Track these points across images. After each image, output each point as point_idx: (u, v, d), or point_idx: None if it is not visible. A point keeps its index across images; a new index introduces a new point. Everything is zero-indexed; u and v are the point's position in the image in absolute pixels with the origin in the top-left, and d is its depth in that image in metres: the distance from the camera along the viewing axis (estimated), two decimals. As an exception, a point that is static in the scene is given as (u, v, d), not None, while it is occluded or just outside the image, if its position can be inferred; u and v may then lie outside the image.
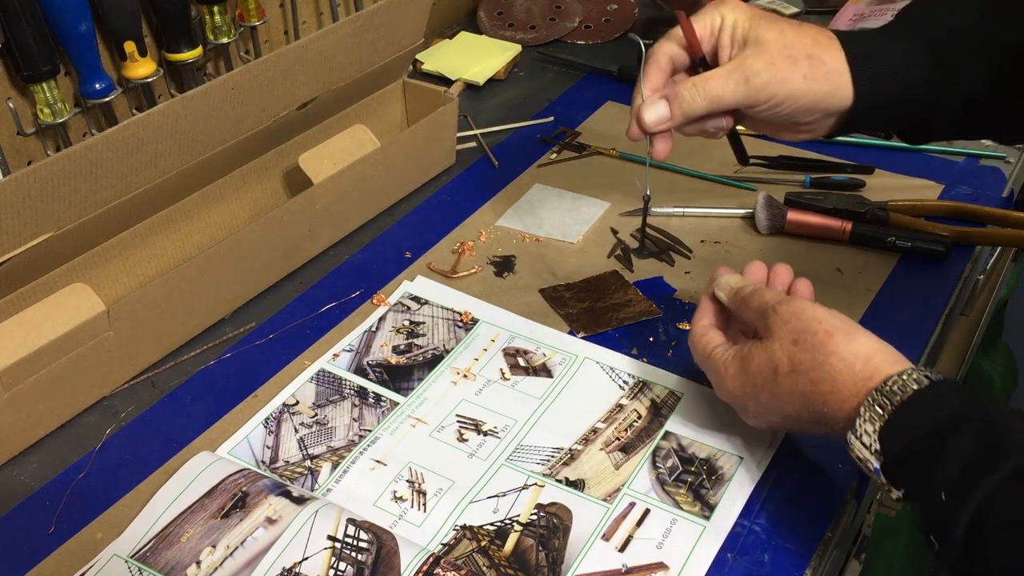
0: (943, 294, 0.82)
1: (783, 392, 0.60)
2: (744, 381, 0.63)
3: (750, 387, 0.62)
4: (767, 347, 0.61)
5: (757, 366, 0.62)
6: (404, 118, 1.01)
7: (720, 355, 0.65)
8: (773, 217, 0.88)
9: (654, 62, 0.68)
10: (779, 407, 0.61)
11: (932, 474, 0.52)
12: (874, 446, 0.55)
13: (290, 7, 1.05)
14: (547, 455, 0.69)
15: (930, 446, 0.53)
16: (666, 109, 0.67)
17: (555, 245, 0.89)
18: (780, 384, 0.60)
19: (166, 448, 0.70)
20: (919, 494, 0.54)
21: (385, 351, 0.78)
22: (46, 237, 0.66)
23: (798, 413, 0.60)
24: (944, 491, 0.51)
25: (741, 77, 0.65)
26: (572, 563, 0.61)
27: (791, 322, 0.61)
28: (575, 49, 1.22)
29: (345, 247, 0.90)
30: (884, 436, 0.55)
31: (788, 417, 0.61)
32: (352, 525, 0.61)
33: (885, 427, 0.55)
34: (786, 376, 0.60)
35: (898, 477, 0.55)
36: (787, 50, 0.65)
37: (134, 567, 0.61)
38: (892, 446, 0.54)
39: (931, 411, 0.54)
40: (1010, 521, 0.49)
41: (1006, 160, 0.98)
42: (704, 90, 0.66)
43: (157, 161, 0.72)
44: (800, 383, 0.59)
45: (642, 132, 0.68)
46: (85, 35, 0.83)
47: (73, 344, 0.70)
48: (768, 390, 0.61)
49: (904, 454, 0.54)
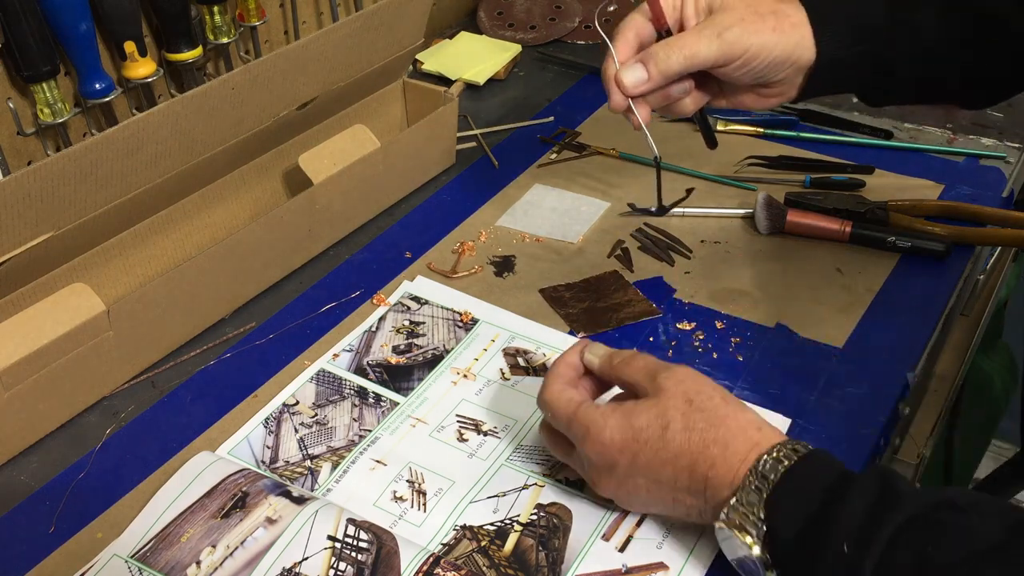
0: (943, 294, 0.82)
1: (669, 451, 0.56)
2: (626, 436, 0.57)
3: (631, 442, 0.57)
4: (658, 403, 0.58)
5: (645, 420, 0.57)
6: (404, 118, 1.01)
7: (591, 410, 0.59)
8: (773, 217, 0.88)
9: (621, 37, 0.69)
10: (657, 469, 0.57)
11: (831, 530, 0.50)
12: (756, 514, 0.53)
13: (290, 7, 1.05)
14: (547, 455, 0.69)
15: (829, 501, 0.52)
16: (643, 71, 0.67)
17: (555, 245, 0.89)
18: (668, 442, 0.56)
19: (166, 448, 0.70)
20: (813, 554, 0.51)
21: (385, 351, 0.78)
22: (46, 237, 0.66)
23: (675, 478, 0.57)
24: (845, 542, 0.49)
25: (713, 33, 0.65)
26: (572, 563, 0.61)
27: (685, 382, 0.58)
28: (575, 49, 1.22)
29: (345, 247, 0.90)
30: (771, 501, 0.53)
31: (659, 484, 0.58)
32: (352, 525, 0.61)
33: (774, 491, 0.53)
34: (677, 433, 0.56)
35: (783, 545, 0.52)
36: (752, 7, 0.66)
37: (134, 567, 0.61)
38: (783, 508, 0.53)
39: (819, 475, 0.53)
40: (912, 564, 0.48)
41: (1006, 160, 0.98)
42: (679, 47, 0.66)
43: (157, 161, 0.72)
44: (692, 442, 0.56)
45: (623, 99, 0.68)
46: (85, 35, 0.83)
47: (73, 344, 0.70)
48: (652, 448, 0.57)
49: (796, 514, 0.52)
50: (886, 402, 0.72)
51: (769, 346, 0.77)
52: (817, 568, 0.51)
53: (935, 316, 0.80)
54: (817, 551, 0.51)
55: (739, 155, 0.98)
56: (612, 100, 0.68)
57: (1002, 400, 1.57)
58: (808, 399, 0.72)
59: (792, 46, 0.67)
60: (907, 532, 0.49)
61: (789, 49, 0.67)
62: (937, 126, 1.04)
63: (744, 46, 0.65)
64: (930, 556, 0.47)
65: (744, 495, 0.54)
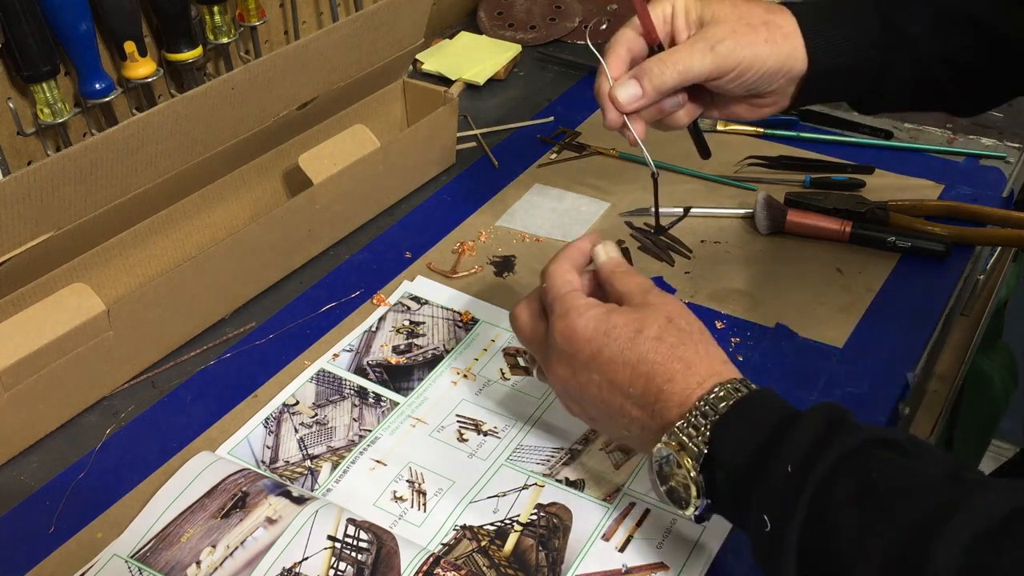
0: (943, 294, 0.82)
1: (634, 353, 0.57)
2: (599, 328, 0.58)
3: (601, 335, 0.58)
4: (640, 311, 0.58)
5: (622, 321, 0.58)
6: (404, 118, 1.01)
7: (579, 297, 0.61)
8: (773, 217, 0.88)
9: (613, 52, 0.68)
10: (615, 369, 0.57)
11: (777, 452, 0.50)
12: (700, 438, 0.53)
13: (290, 7, 1.05)
14: (547, 455, 0.69)
15: (777, 430, 0.52)
16: (637, 87, 0.67)
17: (555, 245, 0.89)
18: (636, 345, 0.57)
19: (166, 448, 0.70)
20: (755, 477, 0.51)
21: (385, 351, 0.78)
22: (46, 237, 0.66)
23: (630, 383, 0.57)
24: (790, 464, 0.49)
25: (706, 46, 0.65)
26: (572, 563, 0.61)
27: (670, 304, 0.59)
28: (575, 49, 1.22)
29: (345, 247, 0.90)
30: (718, 426, 0.53)
31: (611, 385, 0.58)
32: (352, 525, 0.61)
33: (722, 419, 0.53)
34: (647, 340, 0.57)
35: (726, 469, 0.52)
36: (744, 19, 0.66)
37: (134, 567, 0.61)
38: (730, 434, 0.53)
39: (768, 408, 0.54)
40: (856, 488, 0.48)
41: (1006, 160, 0.98)
42: (672, 62, 0.66)
43: (157, 161, 0.72)
44: (658, 352, 0.56)
45: (618, 116, 0.68)
46: (85, 35, 0.83)
47: (73, 344, 0.70)
48: (618, 346, 0.57)
49: (742, 440, 0.52)
50: (886, 402, 0.72)
51: (769, 346, 0.77)
52: (757, 489, 0.51)
53: (935, 316, 0.80)
54: (760, 473, 0.51)
55: (739, 155, 0.98)
56: (607, 117, 0.68)
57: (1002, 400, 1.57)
58: (808, 399, 0.72)
59: (785, 57, 0.67)
60: (852, 459, 0.49)
61: (782, 60, 0.67)
62: (937, 126, 1.04)
63: (737, 59, 0.65)
64: (874, 482, 0.47)
65: (692, 418, 0.54)
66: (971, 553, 0.43)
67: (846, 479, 0.48)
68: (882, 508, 0.46)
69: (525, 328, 0.64)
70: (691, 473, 0.53)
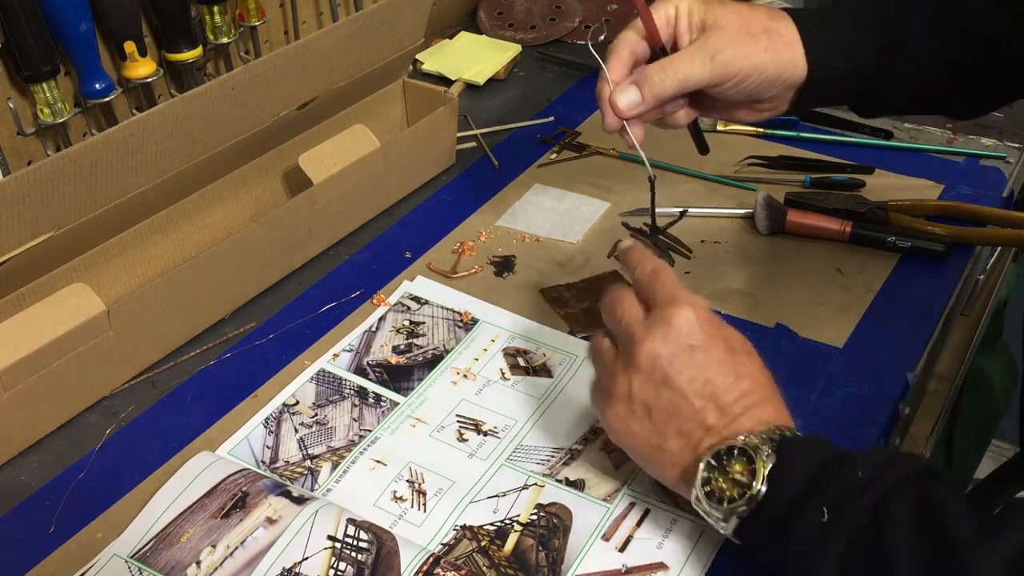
0: (943, 294, 0.82)
1: (751, 365, 0.59)
2: (719, 324, 0.60)
3: (720, 332, 0.59)
4: (722, 324, 0.61)
5: (715, 328, 0.60)
6: (404, 118, 1.01)
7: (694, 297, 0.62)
8: (773, 217, 0.88)
9: (615, 55, 0.69)
10: (730, 367, 0.58)
11: (849, 461, 0.53)
12: (769, 447, 0.55)
13: (290, 7, 1.05)
14: (547, 455, 0.69)
15: (841, 452, 0.55)
16: (637, 93, 0.67)
17: (555, 245, 0.89)
18: (753, 358, 0.59)
19: (166, 448, 0.70)
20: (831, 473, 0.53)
21: (385, 351, 0.78)
22: (46, 237, 0.66)
23: (727, 388, 0.58)
24: (861, 469, 0.53)
25: (706, 55, 0.66)
26: (572, 563, 0.61)
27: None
28: (575, 49, 1.22)
29: (345, 247, 0.90)
30: (782, 445, 0.55)
31: (708, 383, 0.58)
32: (352, 525, 0.61)
33: (785, 440, 0.55)
34: (759, 363, 0.60)
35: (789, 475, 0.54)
36: (745, 27, 0.66)
37: (134, 567, 0.61)
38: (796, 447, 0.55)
39: (827, 442, 0.56)
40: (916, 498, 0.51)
41: (1006, 160, 0.98)
42: (672, 70, 0.66)
43: (157, 161, 0.72)
44: (765, 375, 0.59)
45: (617, 120, 0.68)
46: (85, 35, 0.83)
47: (73, 344, 0.70)
48: (739, 351, 0.59)
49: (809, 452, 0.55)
50: (886, 402, 0.72)
51: (769, 346, 0.77)
52: (833, 483, 0.53)
53: (935, 316, 0.80)
54: (834, 471, 0.53)
55: (739, 155, 0.98)
56: (606, 121, 0.69)
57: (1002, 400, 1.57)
58: (808, 399, 0.72)
59: (784, 65, 0.67)
60: (913, 478, 0.52)
61: (781, 68, 0.67)
62: (937, 126, 1.04)
63: (736, 68, 0.66)
64: (930, 500, 0.51)
65: (766, 433, 0.56)
66: (1011, 570, 0.46)
67: (908, 495, 0.51)
68: (933, 530, 0.49)
69: (631, 305, 0.63)
70: (760, 476, 0.54)
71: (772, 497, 0.54)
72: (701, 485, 0.56)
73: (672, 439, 0.59)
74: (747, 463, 0.55)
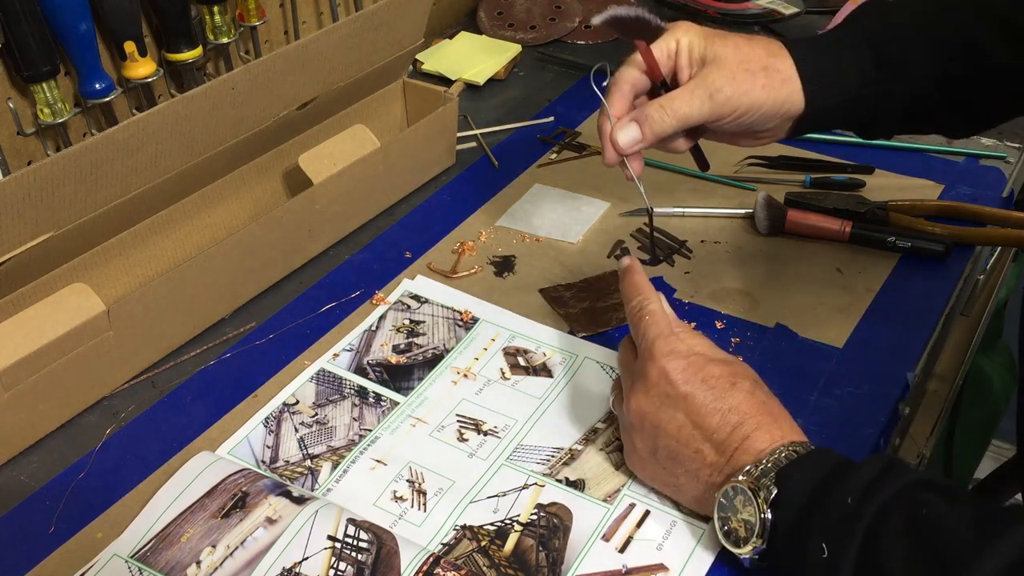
0: (943, 294, 0.82)
1: (728, 403, 0.60)
2: (697, 374, 0.61)
3: (699, 382, 0.61)
4: (732, 365, 0.62)
5: (719, 371, 0.61)
6: (404, 118, 1.01)
7: (682, 342, 0.63)
8: (773, 217, 0.88)
9: (617, 90, 0.70)
10: (705, 415, 0.60)
11: (839, 486, 0.54)
12: (769, 480, 0.56)
13: (290, 7, 1.05)
14: (547, 455, 0.69)
15: (837, 468, 0.56)
16: (637, 131, 0.69)
17: (555, 245, 0.89)
18: (732, 395, 0.60)
19: (166, 448, 0.70)
20: (818, 505, 0.54)
21: (385, 350, 0.78)
22: (46, 237, 0.66)
23: (715, 429, 0.60)
24: (850, 496, 0.53)
25: (705, 94, 0.67)
26: (572, 563, 0.61)
27: (747, 366, 0.64)
28: (575, 49, 1.22)
29: (345, 247, 0.90)
30: (782, 472, 0.57)
31: (696, 428, 0.60)
32: (352, 525, 0.61)
33: (787, 466, 0.57)
34: (743, 392, 0.61)
35: (787, 506, 0.56)
36: (744, 64, 0.67)
37: (134, 567, 0.61)
38: (794, 477, 0.56)
39: (828, 456, 0.57)
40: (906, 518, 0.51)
41: (1006, 160, 0.98)
42: (672, 109, 0.68)
43: (157, 161, 0.72)
44: (752, 403, 0.60)
45: (617, 155, 0.70)
46: (85, 35, 0.83)
47: (73, 344, 0.70)
48: (713, 395, 0.60)
49: (806, 479, 0.56)
50: (886, 402, 0.72)
51: (769, 346, 0.77)
52: (819, 515, 0.54)
53: (935, 316, 0.80)
54: (823, 502, 0.54)
55: (739, 155, 0.98)
56: (607, 156, 0.71)
57: (1002, 400, 1.57)
58: (808, 399, 0.72)
59: (782, 101, 0.68)
60: (905, 495, 0.53)
61: (778, 104, 0.68)
62: (937, 126, 1.04)
63: (734, 105, 0.67)
64: (924, 517, 0.51)
65: (765, 464, 0.57)
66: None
67: (899, 513, 0.52)
68: (926, 544, 0.50)
69: (625, 351, 0.67)
70: (762, 510, 0.56)
71: (781, 530, 0.56)
72: (720, 527, 0.59)
73: (684, 478, 0.62)
74: (751, 501, 0.57)
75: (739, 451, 0.59)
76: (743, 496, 0.57)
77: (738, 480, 0.58)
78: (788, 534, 0.56)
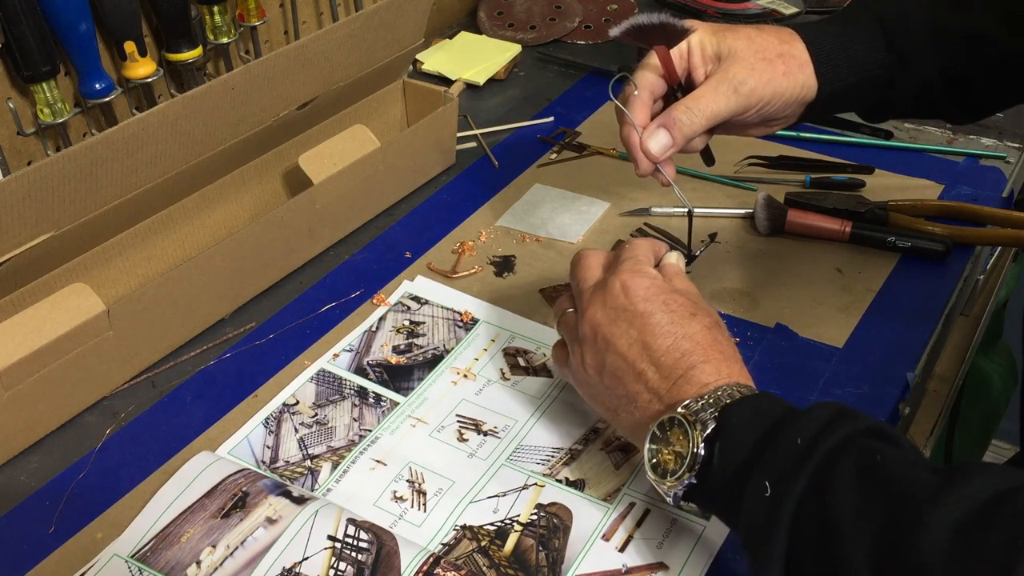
0: (943, 294, 0.82)
1: (683, 329, 0.59)
2: (659, 295, 0.60)
3: (660, 303, 0.60)
4: (699, 303, 0.61)
5: (682, 300, 0.61)
6: (404, 118, 1.01)
7: (651, 267, 0.63)
8: (773, 217, 0.88)
9: (638, 100, 0.69)
10: (656, 335, 0.59)
11: (787, 429, 0.52)
12: (710, 413, 0.55)
13: (290, 7, 1.05)
14: (547, 455, 0.69)
15: (785, 413, 0.54)
16: (667, 136, 0.68)
17: (555, 245, 0.89)
18: (689, 323, 0.59)
19: (166, 448, 0.70)
20: (766, 444, 0.52)
21: (385, 351, 0.78)
22: (46, 237, 0.66)
23: (664, 352, 0.58)
24: (800, 437, 0.51)
25: (730, 89, 0.67)
26: (572, 563, 0.61)
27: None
28: (575, 49, 1.22)
29: (345, 247, 0.90)
30: (726, 408, 0.55)
31: (644, 348, 0.59)
32: (352, 525, 0.61)
33: (736, 403, 0.55)
34: (700, 324, 0.59)
35: (729, 443, 0.54)
36: (760, 53, 0.67)
37: (134, 567, 0.61)
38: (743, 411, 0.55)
39: (776, 402, 0.55)
40: (857, 465, 0.50)
41: (1006, 160, 0.98)
42: (699, 109, 0.67)
43: (157, 161, 0.72)
44: (706, 337, 0.59)
45: (651, 165, 0.69)
46: (85, 35, 0.83)
47: (73, 344, 0.70)
48: (670, 317, 0.59)
49: (752, 419, 0.54)
50: (886, 402, 0.72)
51: (769, 346, 0.77)
52: (767, 455, 0.52)
53: (935, 316, 0.80)
54: (771, 441, 0.52)
55: (739, 155, 0.98)
56: (640, 167, 0.69)
57: (1002, 400, 1.57)
58: (808, 399, 0.72)
59: (800, 85, 0.68)
60: (857, 441, 0.51)
61: (797, 89, 0.68)
62: (937, 126, 1.04)
63: (759, 95, 0.67)
64: (875, 464, 0.49)
65: (708, 398, 0.56)
66: (958, 533, 0.45)
67: (849, 458, 0.50)
68: (878, 491, 0.48)
69: (588, 268, 0.65)
70: (696, 443, 0.54)
71: (717, 467, 0.54)
72: (649, 459, 0.57)
73: (623, 401, 0.61)
74: (686, 434, 0.55)
75: (682, 380, 0.58)
76: (679, 429, 0.55)
77: (676, 412, 0.56)
78: (726, 471, 0.54)
